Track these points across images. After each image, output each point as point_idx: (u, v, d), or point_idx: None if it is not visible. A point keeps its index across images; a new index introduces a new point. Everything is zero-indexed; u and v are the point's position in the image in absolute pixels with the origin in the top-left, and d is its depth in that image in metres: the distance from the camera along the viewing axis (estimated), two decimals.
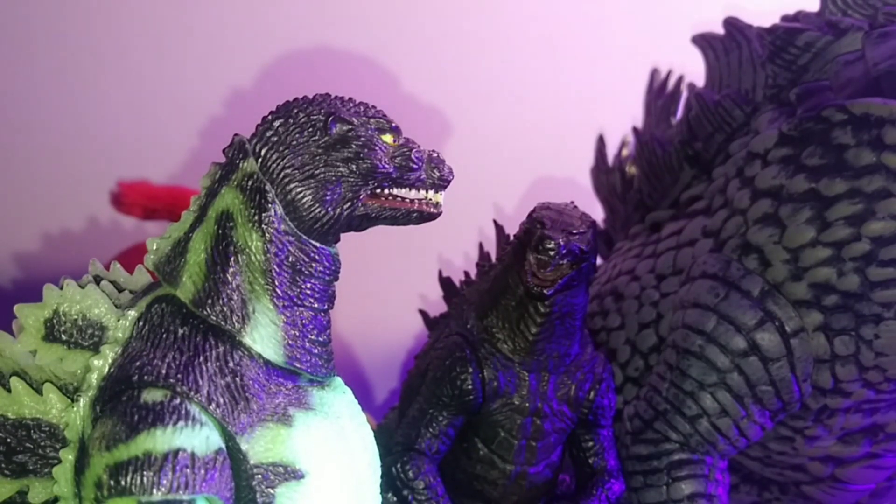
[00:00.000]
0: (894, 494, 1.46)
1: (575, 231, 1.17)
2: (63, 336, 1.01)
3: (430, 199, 1.06)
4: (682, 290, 1.36)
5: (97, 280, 1.07)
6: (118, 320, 1.00)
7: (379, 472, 1.09)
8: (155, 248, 1.03)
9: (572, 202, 1.25)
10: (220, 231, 1.00)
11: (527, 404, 1.25)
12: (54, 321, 1.01)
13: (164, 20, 2.06)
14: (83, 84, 2.05)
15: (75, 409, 0.98)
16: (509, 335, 1.24)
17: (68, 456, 0.97)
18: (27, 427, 1.01)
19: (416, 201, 1.05)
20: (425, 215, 1.07)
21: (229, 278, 0.99)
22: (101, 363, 0.98)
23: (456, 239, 1.88)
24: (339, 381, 1.08)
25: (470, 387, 1.25)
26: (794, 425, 1.33)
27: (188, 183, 2.02)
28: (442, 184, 1.07)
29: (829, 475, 1.39)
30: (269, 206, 0.99)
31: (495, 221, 1.45)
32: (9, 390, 1.01)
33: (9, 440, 1.01)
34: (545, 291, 1.17)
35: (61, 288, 1.02)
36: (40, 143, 2.07)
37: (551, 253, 1.15)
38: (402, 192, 1.04)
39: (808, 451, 1.36)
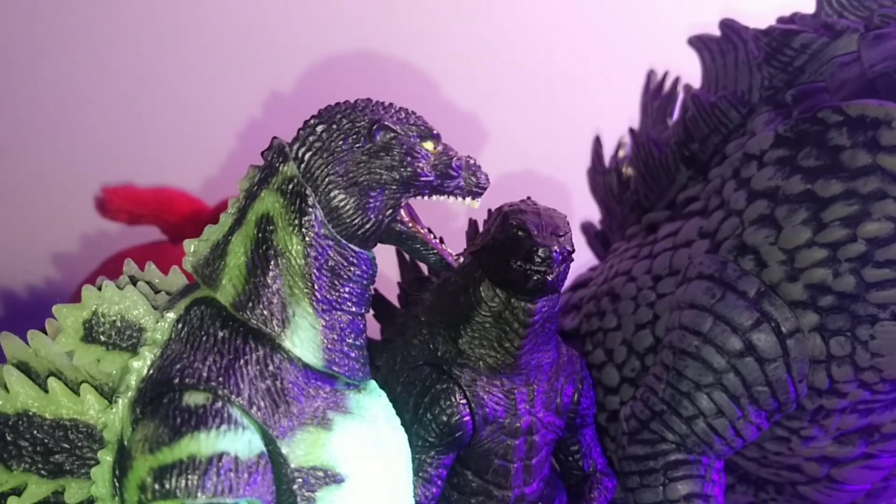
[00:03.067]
0: (890, 495, 1.47)
1: (562, 233, 1.12)
2: (102, 337, 1.01)
3: (451, 252, 1.09)
4: (679, 290, 1.36)
5: (133, 281, 1.07)
6: (156, 322, 1.00)
7: (412, 474, 1.09)
8: (192, 250, 1.03)
9: (529, 198, 1.19)
10: (260, 234, 1.00)
11: (518, 424, 1.18)
12: (93, 322, 1.01)
13: (171, 24, 2.06)
14: (81, 87, 2.05)
15: (114, 410, 0.98)
16: (489, 353, 1.17)
17: (107, 457, 0.98)
18: (64, 427, 1.01)
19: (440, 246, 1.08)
20: (441, 262, 1.09)
21: (270, 282, 0.99)
22: (140, 365, 0.98)
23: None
24: (373, 384, 1.08)
25: (458, 420, 1.15)
26: (791, 426, 1.33)
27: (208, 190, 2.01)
28: (479, 191, 1.07)
29: (824, 475, 1.39)
30: (310, 210, 0.99)
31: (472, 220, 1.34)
32: (46, 391, 1.01)
33: (46, 440, 1.01)
34: (548, 278, 1.10)
35: (99, 289, 1.02)
36: (36, 146, 2.07)
37: (548, 261, 1.09)
38: (441, 199, 1.05)
39: (804, 452, 1.36)
